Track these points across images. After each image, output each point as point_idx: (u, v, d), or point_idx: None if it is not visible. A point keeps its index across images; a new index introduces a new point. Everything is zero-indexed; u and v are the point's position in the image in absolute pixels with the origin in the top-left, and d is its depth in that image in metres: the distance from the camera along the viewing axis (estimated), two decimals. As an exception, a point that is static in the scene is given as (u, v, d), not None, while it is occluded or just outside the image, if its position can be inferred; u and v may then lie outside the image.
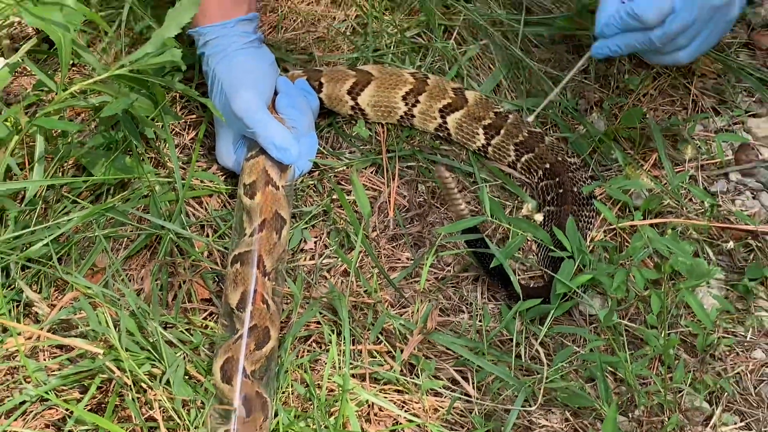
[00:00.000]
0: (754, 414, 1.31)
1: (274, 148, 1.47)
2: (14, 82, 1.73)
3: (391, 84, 1.64)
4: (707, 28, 1.39)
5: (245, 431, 1.20)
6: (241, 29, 1.55)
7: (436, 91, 1.63)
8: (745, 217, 1.52)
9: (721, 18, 1.39)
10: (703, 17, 1.36)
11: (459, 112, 1.61)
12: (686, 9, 1.34)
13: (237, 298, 1.33)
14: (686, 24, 1.36)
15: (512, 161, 1.60)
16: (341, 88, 1.64)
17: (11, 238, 1.43)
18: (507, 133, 1.58)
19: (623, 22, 1.38)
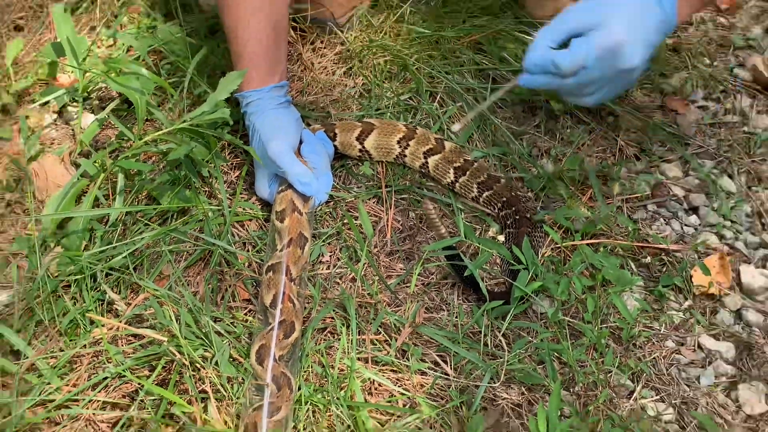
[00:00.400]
0: (666, 389, 1.30)
1: (299, 184, 1.47)
2: (101, 133, 1.72)
3: (389, 131, 1.64)
4: (612, 84, 1.32)
5: (277, 402, 1.19)
6: (274, 93, 1.55)
7: (422, 139, 1.62)
8: (659, 238, 1.52)
9: (625, 77, 1.31)
10: (609, 76, 1.29)
11: (438, 155, 1.61)
12: (596, 68, 1.27)
13: (270, 299, 1.33)
14: (594, 78, 1.29)
15: (475, 196, 1.58)
16: (351, 136, 1.64)
17: (98, 252, 1.43)
18: (471, 174, 1.57)
19: (545, 66, 1.29)
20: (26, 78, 1.83)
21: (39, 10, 2.06)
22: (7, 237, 1.55)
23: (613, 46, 1.25)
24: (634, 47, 1.25)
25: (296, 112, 1.60)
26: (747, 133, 1.75)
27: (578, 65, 1.27)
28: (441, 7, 1.98)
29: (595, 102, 1.36)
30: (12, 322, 1.34)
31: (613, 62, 1.26)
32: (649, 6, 1.28)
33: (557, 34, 1.30)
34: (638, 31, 1.26)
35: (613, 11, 1.26)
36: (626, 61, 1.26)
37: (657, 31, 1.29)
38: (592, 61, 1.26)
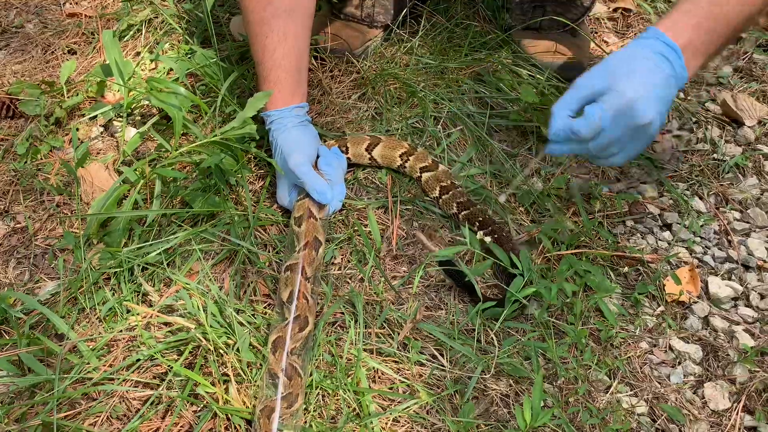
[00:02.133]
0: (639, 385, 1.30)
1: (315, 193, 1.47)
2: (142, 144, 1.73)
3: (393, 146, 1.65)
4: (633, 140, 1.25)
5: (294, 390, 1.19)
6: (295, 113, 1.56)
7: (421, 157, 1.63)
8: (635, 250, 1.52)
9: (644, 134, 1.24)
10: (627, 134, 1.23)
11: (430, 173, 1.61)
12: (612, 128, 1.22)
13: (287, 295, 1.32)
14: (613, 139, 1.23)
15: (454, 213, 1.57)
16: (361, 147, 1.65)
17: (136, 249, 1.43)
18: (453, 194, 1.57)
19: (565, 135, 1.25)
20: (77, 95, 1.84)
21: (91, 36, 2.09)
22: (56, 234, 1.56)
23: (624, 105, 1.20)
24: (646, 103, 1.20)
25: (314, 130, 1.60)
26: (716, 160, 1.75)
27: (595, 129, 1.22)
28: (446, 42, 1.99)
29: (622, 161, 1.30)
30: (58, 309, 1.35)
31: (629, 120, 1.21)
32: (656, 64, 1.22)
33: (572, 103, 1.26)
34: (647, 88, 1.20)
35: (621, 73, 1.22)
36: (640, 117, 1.20)
37: (667, 86, 1.23)
38: (608, 122, 1.21)
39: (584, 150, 1.28)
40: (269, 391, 1.19)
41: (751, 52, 2.05)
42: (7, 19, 2.21)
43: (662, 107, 1.23)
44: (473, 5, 2.11)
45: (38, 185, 1.65)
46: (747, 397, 1.27)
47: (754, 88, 1.93)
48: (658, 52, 1.22)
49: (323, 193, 1.47)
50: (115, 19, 2.10)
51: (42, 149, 1.72)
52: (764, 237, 1.58)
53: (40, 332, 1.33)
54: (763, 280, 1.49)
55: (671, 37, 1.22)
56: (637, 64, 1.22)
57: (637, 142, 1.27)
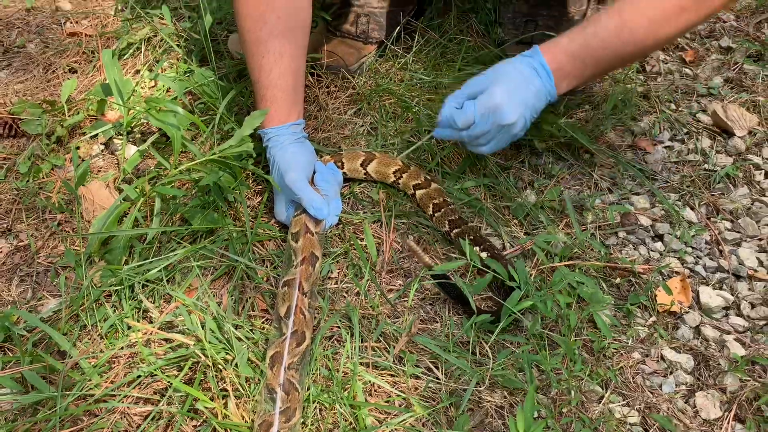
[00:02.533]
0: (632, 395, 1.31)
1: (312, 209, 1.49)
2: (142, 162, 1.75)
3: (387, 163, 1.67)
4: (499, 135, 1.46)
5: (292, 405, 1.20)
6: (292, 130, 1.58)
7: (413, 174, 1.66)
8: (627, 261, 1.53)
9: (507, 132, 1.45)
10: (494, 129, 1.44)
11: (423, 190, 1.63)
12: (481, 123, 1.43)
13: (284, 310, 1.34)
14: (482, 131, 1.45)
15: (447, 231, 1.57)
16: (356, 162, 1.67)
17: (136, 266, 1.45)
18: (445, 212, 1.58)
19: (447, 122, 1.48)
20: (78, 114, 1.87)
21: (91, 55, 2.12)
22: (58, 251, 1.58)
23: (492, 106, 1.42)
24: (511, 107, 1.42)
25: (310, 146, 1.62)
26: (707, 170, 1.77)
27: (468, 121, 1.45)
28: (440, 57, 2.02)
29: (489, 150, 1.51)
30: (60, 326, 1.37)
31: (495, 119, 1.43)
32: (528, 77, 1.43)
33: (459, 98, 1.49)
34: (515, 96, 1.42)
35: (497, 79, 1.44)
36: (504, 118, 1.42)
37: (536, 97, 1.44)
38: (478, 118, 1.44)
39: (459, 137, 1.50)
40: (267, 406, 1.21)
41: (741, 63, 2.07)
42: (9, 38, 2.24)
43: (526, 112, 1.44)
44: (466, 20, 2.13)
45: (40, 203, 1.67)
46: (738, 406, 1.29)
47: (744, 98, 1.95)
48: (533, 68, 1.44)
49: (320, 209, 1.49)
50: (115, 38, 2.13)
51: (44, 168, 1.75)
52: (755, 246, 1.60)
53: (43, 350, 1.35)
54: (753, 290, 1.51)
55: (547, 60, 1.44)
56: (513, 74, 1.44)
57: (503, 137, 1.48)
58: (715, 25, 2.22)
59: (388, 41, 2.04)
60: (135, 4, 2.22)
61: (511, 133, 1.46)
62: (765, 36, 2.17)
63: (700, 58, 2.13)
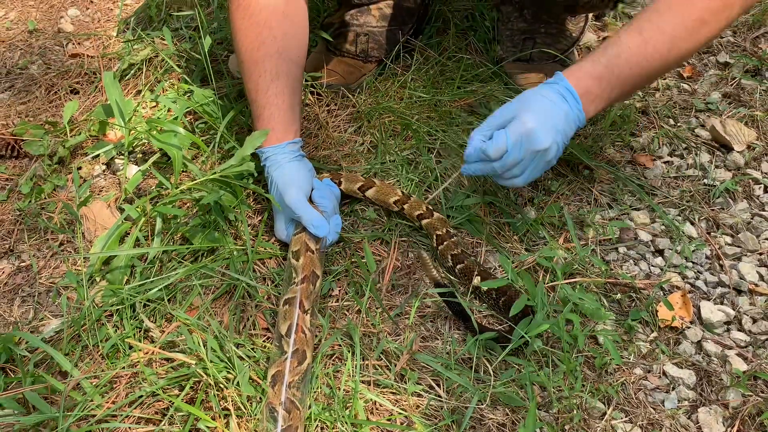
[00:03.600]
0: (634, 412, 1.31)
1: (312, 227, 1.48)
2: (143, 182, 1.76)
3: (386, 192, 1.65)
4: (532, 165, 1.41)
5: (294, 423, 1.21)
6: (289, 149, 1.58)
7: (415, 205, 1.63)
8: (628, 277, 1.54)
9: (541, 159, 1.40)
10: (528, 157, 1.38)
11: (427, 219, 1.61)
12: (514, 151, 1.37)
13: (285, 329, 1.34)
14: (516, 160, 1.38)
15: (450, 266, 1.55)
16: (354, 186, 1.67)
17: (137, 285, 1.46)
18: (447, 246, 1.56)
19: (477, 155, 1.42)
20: (80, 134, 1.89)
21: (93, 76, 2.14)
22: (59, 272, 1.60)
23: (525, 132, 1.37)
24: (543, 132, 1.37)
25: (309, 164, 1.62)
26: (706, 185, 1.78)
27: (501, 150, 1.38)
28: (439, 75, 2.04)
29: (523, 182, 1.44)
30: (61, 347, 1.38)
31: (528, 145, 1.37)
32: (556, 102, 1.39)
33: (486, 130, 1.43)
34: (546, 120, 1.38)
35: (525, 107, 1.40)
36: (538, 143, 1.37)
37: (565, 121, 1.40)
38: (511, 145, 1.38)
39: (492, 170, 1.43)
40: (269, 425, 1.21)
41: (739, 78, 2.09)
42: (12, 60, 2.27)
43: (558, 138, 1.40)
44: (465, 38, 2.16)
45: (42, 224, 1.69)
46: (741, 421, 1.29)
47: (742, 113, 1.97)
48: (559, 94, 1.41)
49: (320, 227, 1.49)
50: (117, 59, 2.16)
51: (46, 188, 1.77)
52: (755, 261, 1.61)
53: (45, 370, 1.36)
54: (754, 304, 1.51)
55: (572, 84, 1.41)
56: (541, 101, 1.40)
57: (537, 165, 1.42)
58: (713, 41, 2.25)
59: (388, 60, 2.06)
60: (136, 26, 2.25)
61: (545, 160, 1.41)
62: (762, 51, 2.19)
63: (698, 74, 2.15)
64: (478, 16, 2.18)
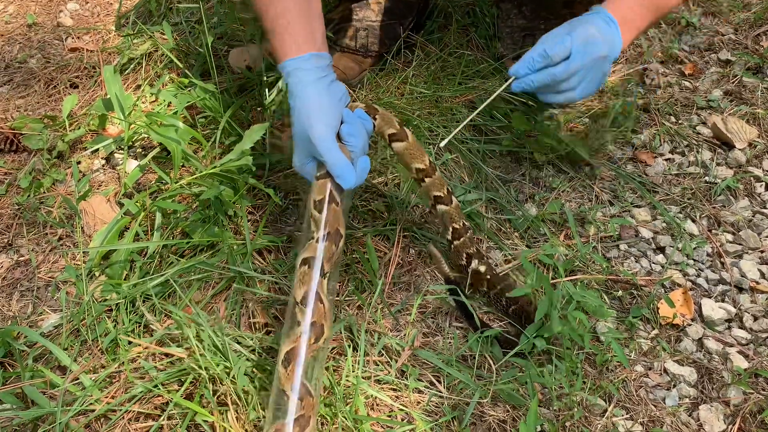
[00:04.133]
0: (635, 409, 1.31)
1: (337, 177, 1.28)
2: (143, 177, 1.75)
3: (413, 155, 1.48)
4: (591, 74, 1.41)
5: (306, 412, 1.11)
6: (315, 63, 1.35)
7: (437, 184, 1.50)
8: (629, 274, 1.54)
9: (600, 68, 1.41)
10: (589, 63, 1.39)
11: (445, 206, 1.51)
12: (578, 55, 1.38)
13: (301, 295, 1.19)
14: (580, 65, 1.38)
15: (464, 264, 1.50)
16: (386, 130, 1.46)
17: (137, 280, 1.46)
18: (463, 242, 1.50)
19: (536, 62, 1.39)
20: (79, 129, 1.88)
21: (92, 70, 2.13)
22: (58, 266, 1.59)
23: (589, 36, 1.39)
24: (602, 40, 1.40)
25: (340, 87, 1.38)
26: (708, 183, 1.78)
27: (566, 51, 1.38)
28: (440, 71, 2.04)
29: (580, 95, 1.43)
30: (60, 341, 1.38)
31: (592, 51, 1.39)
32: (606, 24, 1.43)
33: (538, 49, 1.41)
34: (604, 33, 1.42)
35: (583, 22, 1.43)
36: (601, 49, 1.39)
37: (612, 42, 1.43)
38: (575, 48, 1.38)
39: (551, 77, 1.39)
40: (279, 413, 1.11)
41: (740, 76, 2.09)
42: (11, 54, 2.26)
43: (610, 53, 1.42)
44: (466, 35, 2.15)
45: (41, 218, 1.68)
46: (742, 419, 1.29)
47: (743, 111, 1.96)
48: (605, 20, 1.44)
49: (346, 178, 1.28)
50: (116, 53, 2.15)
51: (45, 182, 1.76)
52: (756, 258, 1.60)
53: (43, 365, 1.35)
54: (756, 302, 1.51)
55: (611, 12, 1.45)
56: (595, 19, 1.44)
57: (594, 75, 1.42)
58: (714, 39, 2.24)
59: (389, 55, 2.05)
60: (136, 20, 2.24)
61: (603, 70, 1.42)
62: (763, 49, 2.18)
63: (700, 71, 2.14)
64: (480, 12, 2.17)
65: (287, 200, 1.69)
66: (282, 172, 1.73)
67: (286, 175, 1.73)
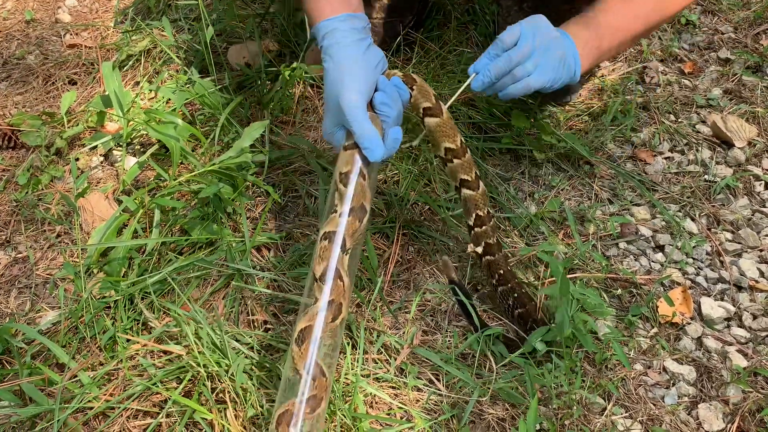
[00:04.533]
0: (634, 407, 1.31)
1: (365, 149, 1.21)
2: (141, 174, 1.75)
3: (445, 133, 1.40)
4: (545, 56, 1.35)
5: (318, 393, 1.07)
6: (350, 25, 1.29)
7: (466, 166, 1.42)
8: (628, 273, 1.54)
9: (554, 48, 1.37)
10: (542, 44, 1.35)
11: (471, 191, 1.43)
12: (530, 34, 1.34)
13: (321, 271, 1.14)
14: (532, 45, 1.34)
15: (480, 252, 1.47)
16: (422, 103, 1.38)
17: (135, 277, 1.45)
18: (485, 231, 1.45)
19: (491, 54, 1.35)
20: (78, 125, 1.87)
21: (91, 67, 2.13)
22: (57, 263, 1.58)
23: (536, 22, 1.38)
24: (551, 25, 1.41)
25: (378, 53, 1.31)
26: (707, 181, 1.78)
27: (515, 35, 1.34)
28: (439, 68, 2.03)
29: (536, 81, 1.36)
30: (58, 338, 1.37)
31: (542, 31, 1.37)
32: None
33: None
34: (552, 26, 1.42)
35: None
36: (550, 31, 1.38)
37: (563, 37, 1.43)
38: (525, 30, 1.35)
39: (506, 64, 1.34)
40: (289, 392, 1.08)
41: (740, 74, 2.09)
42: (9, 50, 2.25)
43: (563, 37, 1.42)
44: (466, 32, 2.15)
45: (39, 215, 1.67)
46: (741, 417, 1.29)
47: (743, 109, 1.96)
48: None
49: (374, 150, 1.21)
50: (115, 50, 2.14)
51: (43, 179, 1.75)
52: (756, 257, 1.60)
53: (41, 362, 1.35)
54: (755, 301, 1.51)
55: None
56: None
57: (550, 57, 1.37)
58: (714, 37, 2.24)
59: (389, 52, 2.04)
60: (135, 17, 2.23)
61: (557, 52, 1.37)
62: (763, 47, 2.18)
63: (699, 70, 2.14)
64: (479, 9, 2.17)
65: (286, 197, 1.69)
66: (281, 169, 1.73)
67: (285, 172, 1.72)
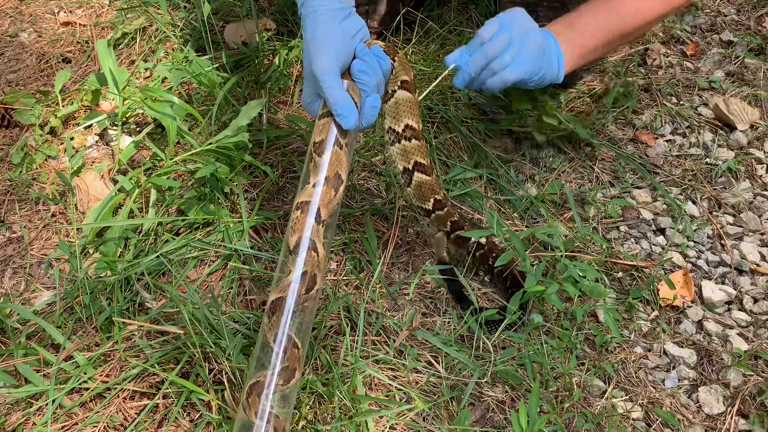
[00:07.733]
0: (634, 390, 1.30)
1: (337, 115, 1.18)
2: (137, 153, 1.72)
3: (411, 110, 1.41)
4: (523, 47, 1.36)
5: (291, 364, 1.05)
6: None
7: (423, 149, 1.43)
8: (629, 256, 1.52)
9: (532, 39, 1.37)
10: (518, 34, 1.36)
11: (426, 176, 1.43)
12: (507, 25, 1.36)
13: (294, 242, 1.11)
14: (509, 35, 1.35)
15: (447, 231, 1.46)
16: (401, 75, 1.37)
17: (131, 258, 1.44)
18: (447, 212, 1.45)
19: (470, 48, 1.37)
20: (72, 104, 1.84)
21: (85, 45, 2.09)
22: (52, 243, 1.56)
23: (512, 15, 1.39)
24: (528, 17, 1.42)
25: (357, 22, 1.26)
26: (709, 164, 1.76)
27: (492, 30, 1.36)
28: (439, 48, 2.00)
29: (514, 72, 1.36)
30: (54, 319, 1.35)
31: (519, 23, 1.38)
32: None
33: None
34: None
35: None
36: (528, 22, 1.40)
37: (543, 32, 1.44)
38: (502, 21, 1.37)
39: (485, 56, 1.35)
40: (260, 364, 1.05)
41: (742, 57, 2.06)
42: (2, 28, 2.21)
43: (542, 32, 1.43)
44: (466, 12, 2.12)
45: (33, 195, 1.65)
46: (741, 401, 1.28)
47: (745, 92, 1.94)
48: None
49: (347, 117, 1.17)
50: (110, 28, 2.10)
51: (37, 158, 1.72)
52: (757, 241, 1.59)
53: (37, 342, 1.33)
54: (756, 284, 1.50)
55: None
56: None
57: (528, 49, 1.37)
58: (716, 19, 2.21)
59: (388, 32, 2.01)
60: (130, -6, 2.19)
61: (535, 43, 1.37)
62: (766, 30, 2.15)
63: (702, 52, 2.11)
64: (480, -11, 2.14)
65: (284, 178, 1.67)
66: (279, 149, 1.71)
67: (283, 152, 1.70)
